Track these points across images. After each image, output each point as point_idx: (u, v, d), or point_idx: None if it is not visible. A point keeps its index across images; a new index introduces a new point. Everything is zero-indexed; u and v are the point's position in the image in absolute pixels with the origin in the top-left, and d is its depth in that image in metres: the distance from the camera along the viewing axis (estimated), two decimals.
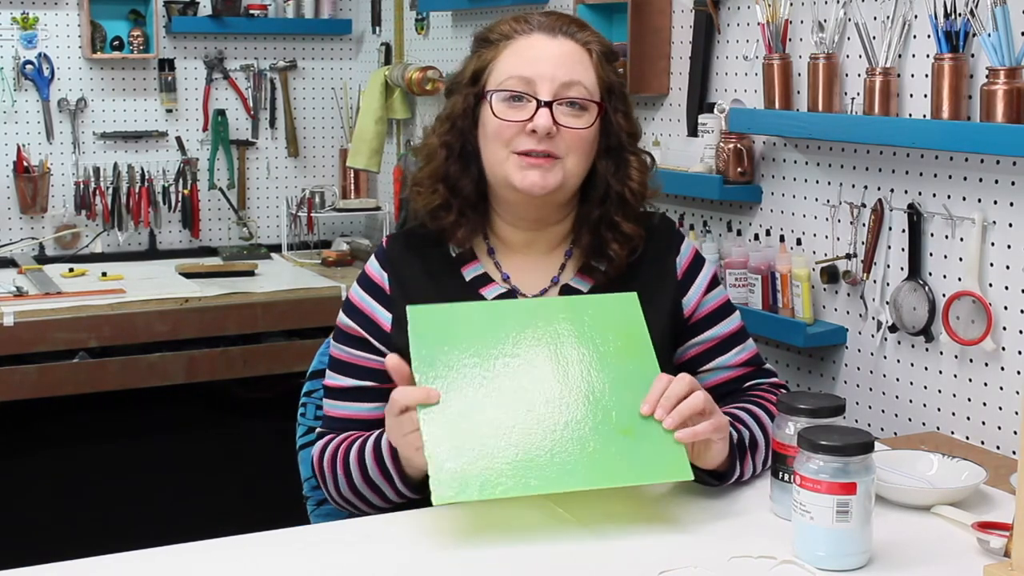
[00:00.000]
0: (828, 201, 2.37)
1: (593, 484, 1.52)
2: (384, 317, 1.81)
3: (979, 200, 2.06)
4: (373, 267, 1.85)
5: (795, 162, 2.47)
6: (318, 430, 1.86)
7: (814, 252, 2.41)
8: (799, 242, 2.46)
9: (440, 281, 1.81)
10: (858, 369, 2.33)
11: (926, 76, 2.12)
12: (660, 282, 1.83)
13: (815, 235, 2.42)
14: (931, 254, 2.16)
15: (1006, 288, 2.02)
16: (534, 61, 1.74)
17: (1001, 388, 2.04)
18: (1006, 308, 2.02)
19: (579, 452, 1.53)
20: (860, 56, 2.24)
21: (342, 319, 1.84)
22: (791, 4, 2.41)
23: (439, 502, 1.47)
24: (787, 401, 1.56)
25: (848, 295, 2.34)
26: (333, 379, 1.83)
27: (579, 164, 1.76)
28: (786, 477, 1.54)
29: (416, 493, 1.65)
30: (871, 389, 2.30)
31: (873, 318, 2.28)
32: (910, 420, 2.22)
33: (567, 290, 1.81)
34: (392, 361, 1.61)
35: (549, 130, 1.71)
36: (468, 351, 1.60)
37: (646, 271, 1.82)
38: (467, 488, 1.48)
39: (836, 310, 2.38)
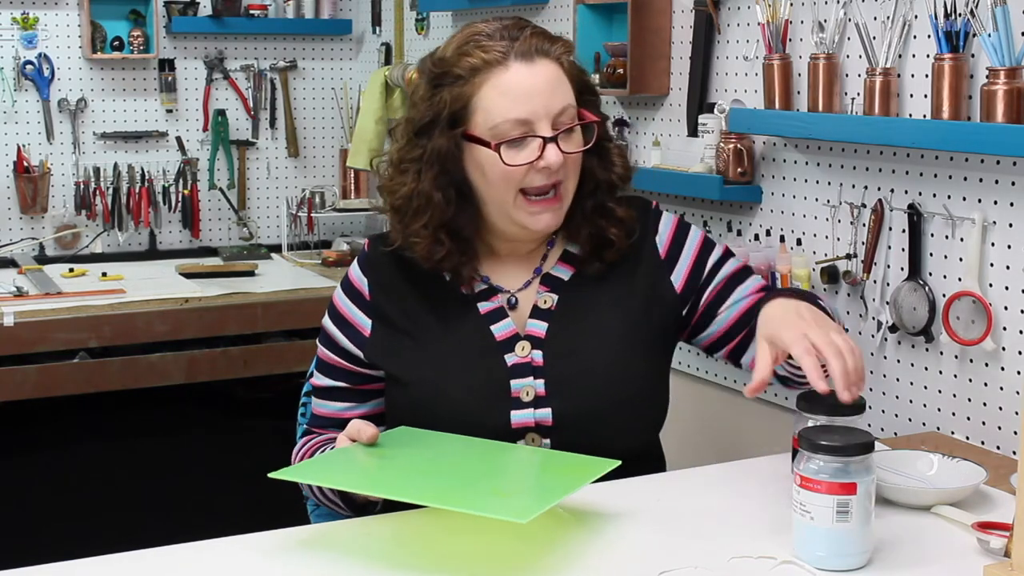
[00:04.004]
0: (828, 201, 2.37)
1: (429, 502, 1.50)
2: (364, 323, 1.83)
3: (979, 200, 2.06)
4: (355, 271, 1.86)
5: (795, 162, 2.47)
6: (305, 426, 1.93)
7: (814, 252, 2.41)
8: (799, 242, 2.46)
9: (421, 282, 1.81)
10: None
11: (926, 76, 2.13)
12: (642, 266, 1.82)
13: (815, 235, 2.42)
14: (931, 254, 2.16)
15: (1006, 288, 2.02)
16: (524, 99, 1.69)
17: (1001, 388, 2.04)
18: (1006, 308, 2.02)
19: (434, 486, 1.56)
20: (860, 56, 2.24)
21: (325, 321, 1.88)
22: (791, 4, 2.41)
23: (273, 475, 1.56)
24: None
25: (848, 295, 2.34)
26: (316, 377, 1.89)
27: (576, 180, 1.76)
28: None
29: (355, 511, 1.71)
30: (871, 389, 2.30)
31: (873, 318, 2.28)
32: (910, 420, 2.23)
33: (549, 279, 1.81)
34: (356, 425, 1.68)
35: (561, 164, 1.70)
36: (427, 445, 1.69)
37: (627, 256, 1.82)
38: (302, 473, 1.63)
39: (836, 310, 2.37)
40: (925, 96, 2.14)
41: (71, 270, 3.64)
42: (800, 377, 1.69)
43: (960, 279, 2.09)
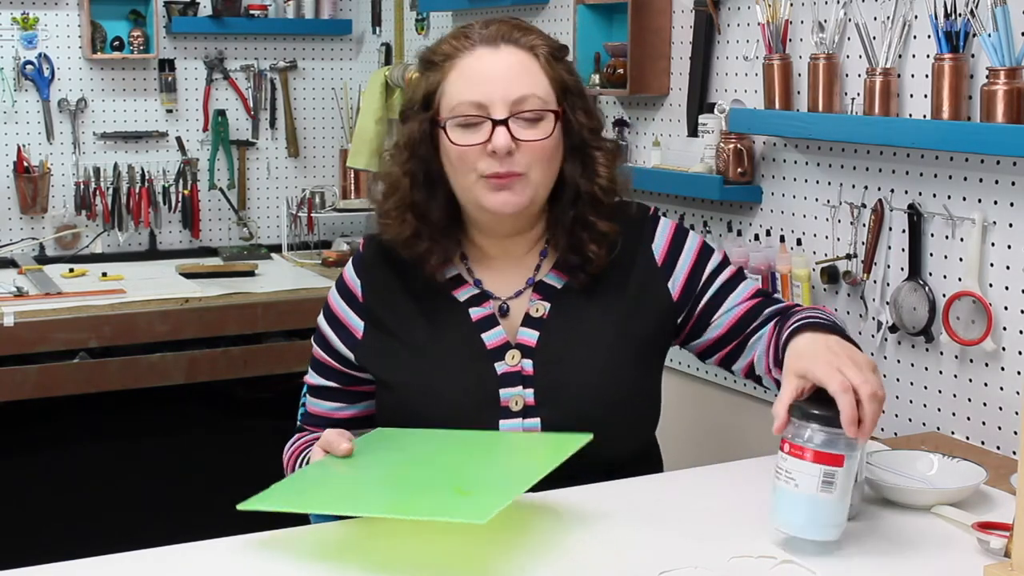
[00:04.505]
0: (828, 201, 2.37)
1: (386, 513, 1.50)
2: (356, 324, 1.83)
3: (979, 200, 2.06)
4: (349, 272, 1.86)
5: (795, 162, 2.47)
6: (298, 423, 1.94)
7: (814, 252, 2.41)
8: (799, 242, 2.46)
9: (414, 284, 1.80)
10: None
11: (926, 76, 2.13)
12: (637, 273, 1.80)
13: (815, 235, 2.42)
14: (931, 254, 2.16)
15: (1006, 288, 2.02)
16: (482, 82, 1.70)
17: (1001, 388, 2.04)
18: (1006, 308, 2.02)
19: (396, 495, 1.54)
20: (860, 56, 2.24)
21: (320, 320, 1.88)
22: (791, 4, 2.41)
23: (241, 507, 1.52)
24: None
25: (848, 295, 2.34)
26: (310, 375, 1.90)
27: (545, 174, 1.73)
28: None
29: None
30: None
31: (873, 318, 2.28)
32: (910, 420, 2.23)
33: (541, 287, 1.80)
34: (328, 438, 1.66)
35: (509, 148, 1.68)
36: (400, 447, 1.69)
37: (621, 263, 1.80)
38: (271, 500, 1.55)
39: (836, 310, 2.38)
40: (925, 96, 2.14)
41: (71, 270, 3.64)
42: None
43: (960, 279, 2.09)
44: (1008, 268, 2.02)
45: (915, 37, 2.17)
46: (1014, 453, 1.97)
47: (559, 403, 1.73)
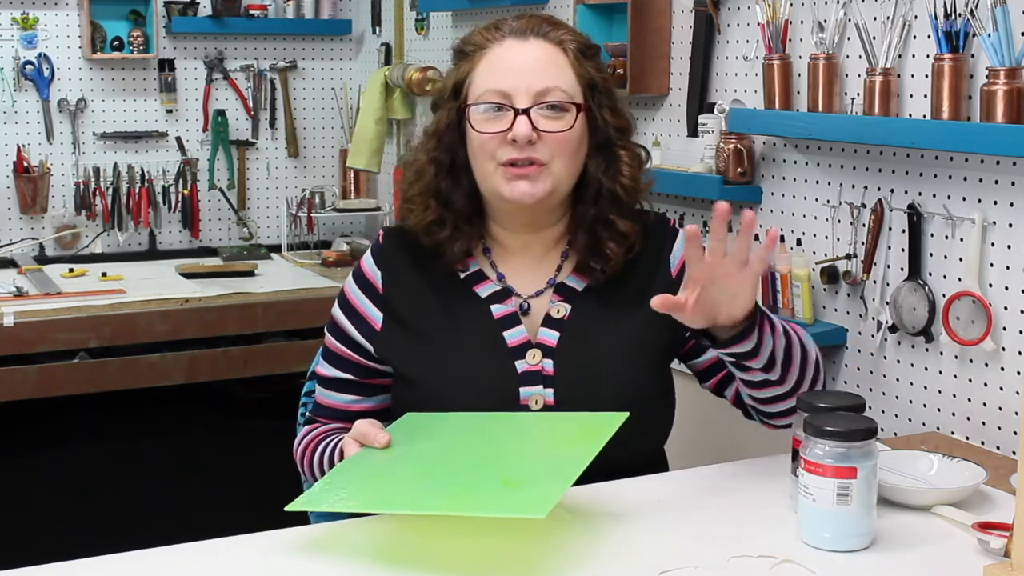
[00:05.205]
0: (828, 201, 2.37)
1: (444, 511, 1.49)
2: (375, 316, 1.82)
3: (979, 200, 2.06)
4: (368, 263, 1.85)
5: (795, 162, 2.47)
6: (307, 415, 1.92)
7: (814, 252, 2.41)
8: (799, 242, 2.46)
9: (435, 278, 1.81)
10: (858, 369, 2.33)
11: (926, 76, 2.13)
12: (655, 282, 1.80)
13: (815, 235, 2.42)
14: (931, 254, 2.16)
15: (1006, 288, 2.02)
16: (508, 72, 1.72)
17: (1001, 388, 2.04)
18: (1006, 308, 2.02)
19: (446, 490, 1.52)
20: (860, 56, 2.24)
21: (335, 311, 1.86)
22: (791, 4, 2.41)
23: (290, 508, 1.53)
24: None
25: (848, 295, 2.34)
26: (322, 367, 1.88)
27: (566, 167, 1.74)
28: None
29: None
30: (871, 389, 2.30)
31: (873, 318, 2.28)
32: (910, 420, 2.23)
33: (562, 289, 1.80)
34: (361, 429, 1.67)
35: (529, 137, 1.69)
36: (435, 434, 1.68)
37: (641, 271, 1.81)
38: (318, 500, 1.55)
39: (836, 310, 2.38)
40: (925, 96, 2.14)
41: (71, 270, 3.64)
42: (762, 403, 1.73)
43: (960, 279, 2.09)
44: (1008, 268, 2.02)
45: (915, 37, 2.17)
46: (1014, 453, 1.97)
47: (579, 404, 1.72)
